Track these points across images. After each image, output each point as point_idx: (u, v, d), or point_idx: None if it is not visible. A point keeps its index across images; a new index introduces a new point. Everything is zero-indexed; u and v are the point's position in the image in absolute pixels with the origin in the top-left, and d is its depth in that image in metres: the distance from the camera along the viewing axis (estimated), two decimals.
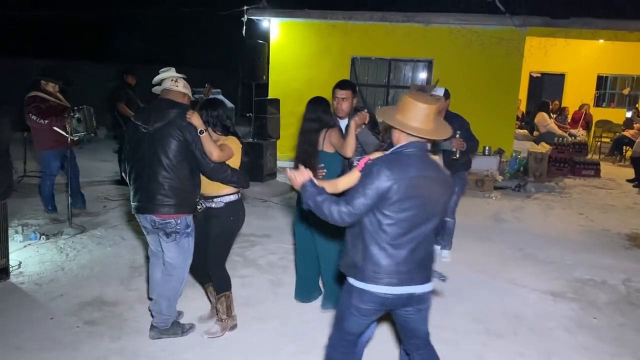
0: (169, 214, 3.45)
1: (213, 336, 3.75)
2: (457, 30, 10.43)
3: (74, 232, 5.82)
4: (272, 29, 10.92)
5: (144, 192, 3.47)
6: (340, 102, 4.13)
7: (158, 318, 3.69)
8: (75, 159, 6.47)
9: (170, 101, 3.60)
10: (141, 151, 3.49)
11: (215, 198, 3.66)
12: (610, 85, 14.81)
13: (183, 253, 3.59)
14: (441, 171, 2.66)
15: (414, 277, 2.57)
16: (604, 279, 5.17)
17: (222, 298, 3.77)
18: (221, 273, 3.79)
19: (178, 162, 3.44)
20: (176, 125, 3.43)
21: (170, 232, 3.49)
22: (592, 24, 10.38)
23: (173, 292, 3.67)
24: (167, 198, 3.43)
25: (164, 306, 3.65)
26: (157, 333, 3.70)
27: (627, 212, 7.95)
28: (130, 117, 8.01)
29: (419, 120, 2.54)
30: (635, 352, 3.81)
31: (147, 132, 3.47)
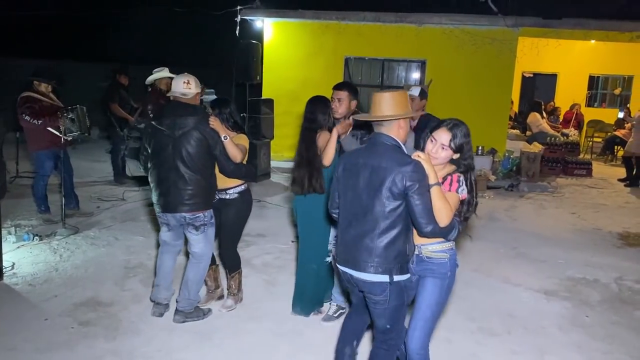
0: (199, 209, 3.81)
1: (230, 309, 4.19)
2: (450, 31, 10.47)
3: (68, 233, 5.80)
4: (265, 29, 10.91)
5: (172, 193, 3.78)
6: (336, 103, 4.08)
7: (184, 302, 3.97)
8: (69, 159, 6.45)
9: (191, 106, 3.90)
10: (166, 155, 3.77)
11: (228, 190, 4.04)
12: (601, 85, 14.92)
13: (209, 242, 3.99)
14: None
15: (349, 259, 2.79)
16: (596, 278, 5.21)
17: (235, 276, 4.23)
18: (234, 255, 4.23)
19: (202, 164, 3.79)
20: (200, 131, 3.75)
21: (200, 225, 3.85)
22: (583, 24, 10.46)
23: (200, 277, 4.04)
24: (196, 197, 3.78)
25: (193, 291, 3.97)
26: (182, 316, 3.97)
27: (619, 211, 8.02)
28: (122, 117, 8.14)
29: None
30: (627, 349, 3.85)
31: (172, 138, 3.74)
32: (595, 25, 10.51)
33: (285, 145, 10.62)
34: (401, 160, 2.65)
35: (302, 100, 5.50)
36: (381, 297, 2.77)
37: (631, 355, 3.76)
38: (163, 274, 4.08)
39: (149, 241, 5.77)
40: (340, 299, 4.16)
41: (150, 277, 4.80)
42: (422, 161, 2.64)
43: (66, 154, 6.32)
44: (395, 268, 2.71)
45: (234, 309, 4.21)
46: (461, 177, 2.75)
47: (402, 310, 2.87)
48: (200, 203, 3.81)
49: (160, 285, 4.07)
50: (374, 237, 2.68)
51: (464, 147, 2.74)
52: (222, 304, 4.25)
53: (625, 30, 10.60)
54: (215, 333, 3.83)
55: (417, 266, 2.85)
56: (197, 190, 3.78)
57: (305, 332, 3.91)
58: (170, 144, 3.75)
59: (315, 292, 4.15)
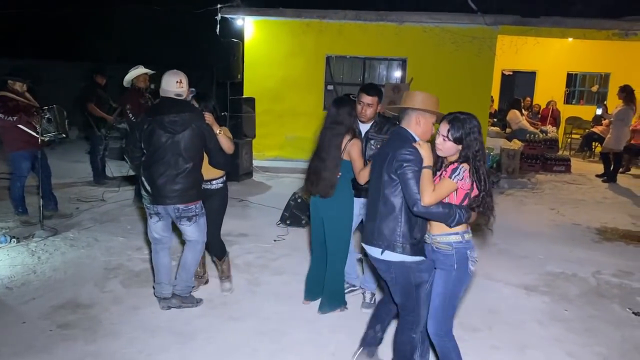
0: (192, 201, 3.98)
1: (230, 291, 4.49)
2: (430, 29, 10.55)
3: (46, 235, 5.71)
4: (246, 27, 10.87)
5: (169, 186, 3.89)
6: (365, 108, 4.04)
7: (182, 285, 4.17)
8: (46, 160, 6.35)
9: (185, 103, 4.02)
10: (164, 150, 3.88)
11: (213, 181, 4.27)
12: (579, 82, 15.12)
13: (202, 229, 4.14)
14: None
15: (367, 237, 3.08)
16: (575, 272, 5.29)
17: (225, 260, 4.52)
18: (220, 241, 4.48)
19: (198, 159, 4.00)
20: (197, 126, 3.91)
21: (192, 215, 4.02)
22: (561, 22, 10.62)
23: (197, 260, 4.24)
24: (191, 189, 3.96)
25: (190, 274, 4.20)
26: (179, 301, 4.16)
27: (597, 206, 8.15)
28: (100, 116, 8.04)
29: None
30: (605, 342, 3.91)
31: (171, 134, 3.86)
32: (572, 23, 10.69)
33: (267, 144, 10.62)
34: (400, 145, 2.90)
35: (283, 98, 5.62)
36: (388, 275, 3.04)
37: (608, 348, 3.82)
38: (163, 271, 4.19)
39: (130, 242, 5.71)
40: (372, 286, 4.34)
41: (130, 278, 4.76)
42: (418, 146, 2.86)
43: (44, 155, 6.22)
44: (398, 247, 2.92)
45: (233, 290, 4.51)
46: (461, 166, 2.81)
47: (413, 291, 3.00)
48: (193, 195, 3.99)
49: (162, 283, 4.17)
50: (379, 217, 2.98)
51: (462, 138, 2.81)
52: (222, 288, 4.51)
53: (601, 29, 10.79)
54: (197, 333, 3.81)
55: (431, 256, 2.99)
56: (193, 183, 3.97)
57: (289, 331, 3.90)
58: (169, 139, 3.87)
59: (340, 286, 4.23)
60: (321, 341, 3.78)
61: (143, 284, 4.65)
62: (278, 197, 7.46)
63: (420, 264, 2.98)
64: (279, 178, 9.56)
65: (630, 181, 10.14)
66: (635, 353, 3.77)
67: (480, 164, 2.81)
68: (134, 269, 4.98)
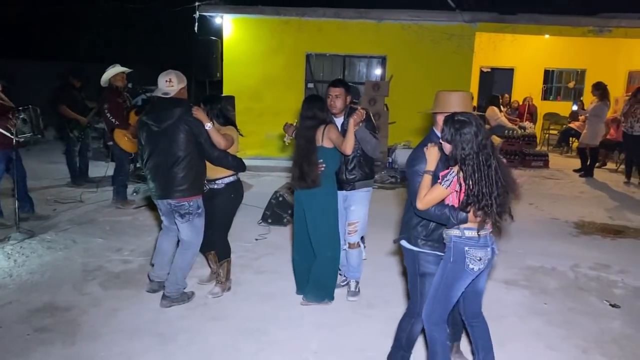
0: (183, 197, 4.00)
1: (216, 296, 4.36)
2: (409, 26, 10.60)
3: (22, 237, 5.60)
4: (224, 25, 10.79)
5: (161, 181, 4.02)
6: (333, 100, 4.22)
7: (172, 287, 4.18)
8: (21, 161, 6.23)
9: (175, 100, 4.05)
10: (155, 146, 4.01)
11: (217, 180, 4.25)
12: (556, 79, 15.33)
13: (196, 231, 4.15)
14: None
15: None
16: (554, 266, 5.35)
17: (224, 264, 4.42)
18: (224, 243, 4.42)
19: (188, 154, 3.97)
20: (183, 121, 3.94)
21: (184, 213, 4.05)
22: (537, 19, 10.76)
23: (187, 264, 4.25)
24: (181, 185, 3.98)
25: (179, 277, 4.20)
26: (169, 301, 4.18)
27: (574, 201, 8.27)
28: (73, 118, 7.90)
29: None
30: (583, 334, 3.96)
31: (159, 130, 3.95)
32: (548, 20, 10.83)
33: (248, 143, 10.50)
34: (418, 145, 3.05)
35: (263, 96, 5.52)
36: (405, 262, 3.20)
37: (587, 340, 3.88)
38: (158, 253, 4.36)
39: (109, 243, 5.63)
40: (357, 275, 4.49)
41: (109, 280, 4.70)
42: (426, 150, 2.91)
43: (18, 156, 6.11)
44: (413, 238, 3.08)
45: (220, 296, 4.38)
46: (452, 170, 2.78)
47: (417, 280, 3.10)
48: (185, 191, 3.99)
49: (156, 264, 4.37)
50: (406, 208, 3.19)
51: (450, 139, 2.78)
52: (210, 290, 4.42)
53: (577, 26, 10.95)
54: (178, 335, 3.77)
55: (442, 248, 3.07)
56: (183, 180, 3.98)
57: (271, 330, 3.88)
58: (158, 135, 3.97)
59: (330, 279, 4.28)
60: (303, 339, 3.77)
61: (123, 285, 4.59)
62: (259, 195, 7.41)
63: (429, 256, 3.06)
64: (260, 177, 9.52)
65: (606, 175, 10.31)
66: (613, 344, 3.83)
67: (475, 165, 2.73)
68: (114, 271, 4.91)
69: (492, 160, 2.77)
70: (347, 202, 4.37)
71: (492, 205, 2.76)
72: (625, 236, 6.50)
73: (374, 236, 5.28)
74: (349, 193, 4.35)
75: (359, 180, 4.30)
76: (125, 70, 6.97)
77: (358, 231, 4.38)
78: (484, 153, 2.75)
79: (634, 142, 9.35)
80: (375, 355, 3.56)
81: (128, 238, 5.83)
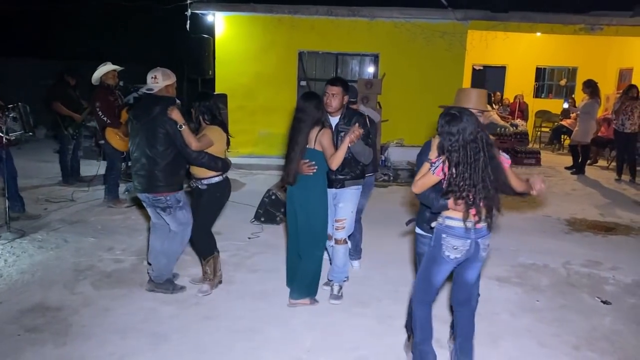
0: (159, 192, 4.10)
1: (205, 294, 4.36)
2: (401, 24, 10.60)
3: (13, 237, 5.57)
4: (217, 23, 10.75)
5: (140, 175, 4.12)
6: (330, 98, 4.17)
7: (155, 272, 4.33)
8: (12, 160, 6.18)
9: (156, 97, 4.13)
10: (136, 141, 4.12)
11: (202, 180, 4.28)
12: (548, 76, 15.39)
13: (180, 222, 4.24)
14: None
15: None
16: (546, 263, 5.38)
17: (210, 261, 4.41)
18: (205, 240, 4.42)
19: (163, 151, 4.05)
20: (159, 120, 4.01)
21: (164, 207, 4.16)
22: (529, 17, 10.80)
23: (173, 252, 4.34)
24: (156, 180, 4.08)
25: (162, 263, 4.31)
26: (152, 286, 4.35)
27: (566, 198, 8.31)
28: (67, 115, 7.87)
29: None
30: (574, 331, 3.99)
31: (139, 126, 4.08)
32: (540, 18, 10.87)
33: (241, 141, 10.48)
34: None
35: (256, 94, 5.44)
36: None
37: (578, 337, 3.90)
38: (152, 251, 4.39)
39: (100, 242, 5.61)
40: (341, 277, 4.46)
41: (101, 279, 4.68)
42: (433, 141, 3.10)
43: (9, 155, 6.06)
44: (419, 223, 3.36)
45: (210, 294, 4.37)
46: (440, 158, 2.98)
47: (422, 260, 3.27)
48: (161, 186, 4.09)
49: (152, 263, 4.40)
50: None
51: (440, 132, 2.97)
52: (199, 288, 4.42)
53: (569, 23, 11.00)
54: (170, 334, 3.75)
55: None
56: (158, 175, 4.07)
57: (263, 329, 3.88)
58: (138, 131, 4.09)
59: (316, 277, 4.27)
60: (296, 338, 3.77)
61: (114, 284, 4.57)
62: (252, 194, 7.41)
63: (425, 238, 3.32)
64: (253, 175, 9.50)
65: (597, 173, 10.38)
66: (604, 341, 3.86)
67: (460, 157, 2.87)
68: (105, 270, 4.89)
69: (481, 154, 2.89)
70: (336, 200, 4.37)
71: (474, 197, 2.89)
72: (616, 233, 6.55)
73: (366, 233, 5.28)
74: (339, 191, 4.34)
75: (349, 179, 4.31)
76: (116, 68, 6.94)
77: (346, 228, 4.36)
78: (471, 147, 2.87)
79: (625, 139, 9.42)
80: (368, 354, 3.56)
81: (120, 237, 5.80)
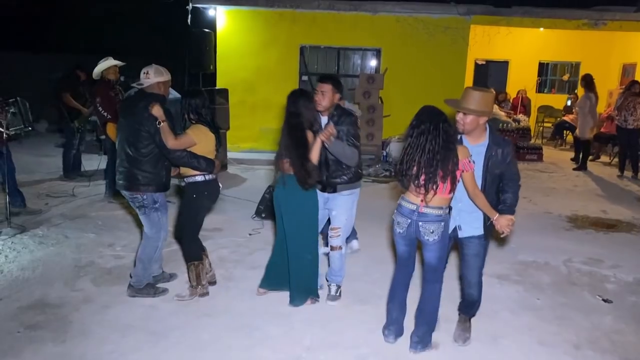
0: (137, 191, 4.05)
1: (181, 299, 4.20)
2: (403, 19, 10.56)
3: (14, 232, 5.57)
4: (218, 17, 10.71)
5: (120, 171, 4.09)
6: (319, 96, 4.01)
7: (134, 278, 4.25)
8: (10, 156, 6.17)
9: (142, 94, 4.09)
10: (120, 136, 4.11)
11: (186, 178, 4.16)
12: (551, 71, 15.33)
13: (153, 225, 4.17)
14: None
15: None
16: (547, 261, 5.37)
17: (191, 267, 4.22)
18: (189, 244, 4.24)
19: (143, 148, 3.99)
20: (139, 117, 3.95)
21: (139, 205, 4.10)
22: (532, 12, 10.74)
23: (147, 257, 4.23)
24: (135, 178, 4.02)
25: (139, 268, 4.23)
26: (133, 291, 4.26)
27: (568, 194, 8.28)
28: (75, 108, 7.89)
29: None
30: (575, 330, 3.97)
31: (124, 122, 4.08)
32: (543, 13, 10.81)
33: (242, 136, 10.52)
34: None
35: (257, 89, 5.39)
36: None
37: (578, 336, 3.89)
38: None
39: (101, 238, 5.60)
40: (338, 279, 4.38)
41: (101, 276, 4.67)
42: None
43: (8, 150, 6.05)
44: None
45: (184, 301, 4.18)
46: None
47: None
48: (139, 185, 4.04)
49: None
50: None
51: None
52: (178, 292, 4.30)
53: (572, 18, 10.94)
54: (169, 332, 3.75)
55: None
56: (138, 173, 4.01)
57: (263, 326, 3.87)
58: (123, 127, 4.08)
59: (311, 281, 4.20)
60: (296, 335, 3.76)
61: (115, 281, 4.57)
62: (253, 189, 7.41)
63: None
64: (254, 170, 9.49)
65: (600, 169, 10.35)
66: (605, 340, 3.85)
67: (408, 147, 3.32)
68: (106, 266, 4.89)
69: (429, 145, 3.22)
70: (328, 205, 4.23)
71: (407, 181, 3.31)
72: (618, 230, 6.53)
73: (367, 230, 5.28)
74: (330, 196, 4.18)
75: (341, 184, 4.13)
76: (118, 64, 6.91)
77: (341, 235, 4.24)
78: (420, 139, 3.25)
79: (628, 135, 9.37)
80: (368, 352, 3.56)
81: (120, 233, 5.80)
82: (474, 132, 3.39)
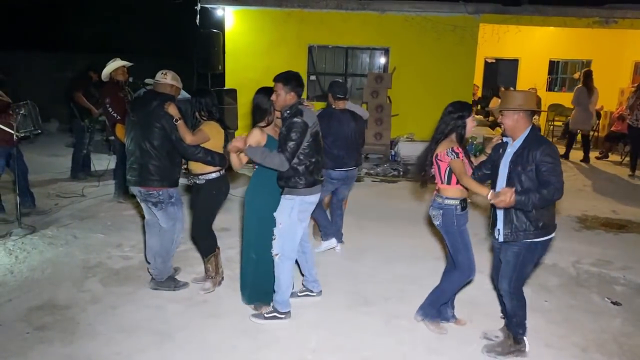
0: (152, 186, 4.15)
1: (207, 291, 4.40)
2: (412, 18, 10.51)
3: (24, 233, 5.62)
4: (226, 17, 10.73)
5: (134, 168, 4.17)
6: (273, 96, 3.91)
7: (155, 271, 4.41)
8: (22, 157, 6.24)
9: (155, 93, 4.24)
10: (132, 134, 4.18)
11: (200, 175, 4.28)
12: (561, 70, 15.20)
13: (171, 218, 4.30)
14: None
15: None
16: (555, 262, 5.32)
17: (211, 259, 4.44)
18: (204, 238, 4.43)
19: (158, 145, 4.11)
20: (155, 115, 4.07)
21: (156, 202, 4.20)
22: (542, 10, 10.65)
23: (165, 250, 4.38)
24: (150, 174, 4.12)
25: (159, 262, 4.39)
26: (155, 284, 4.43)
27: (577, 194, 8.21)
28: (86, 107, 7.94)
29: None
30: (583, 332, 3.94)
31: (135, 120, 4.15)
32: (553, 12, 10.72)
33: None
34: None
35: None
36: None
37: (586, 338, 3.86)
38: (149, 250, 4.45)
39: (109, 239, 5.64)
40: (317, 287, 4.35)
41: (109, 277, 4.71)
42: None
43: (19, 152, 6.12)
44: None
45: (212, 291, 4.42)
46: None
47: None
48: (154, 181, 4.13)
49: (150, 263, 4.47)
50: None
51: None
52: (201, 286, 4.46)
53: (582, 17, 10.83)
54: (176, 332, 3.77)
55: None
56: (152, 169, 4.11)
57: (269, 328, 3.88)
58: (135, 124, 4.16)
59: (254, 282, 4.10)
60: (302, 337, 3.77)
61: (122, 282, 4.60)
62: None
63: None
64: None
65: (610, 168, 10.25)
66: (613, 343, 3.81)
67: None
68: (114, 267, 4.92)
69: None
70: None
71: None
72: (628, 231, 6.46)
73: (372, 230, 5.26)
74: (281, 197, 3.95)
75: (281, 187, 3.89)
76: (126, 65, 6.95)
77: (276, 240, 3.88)
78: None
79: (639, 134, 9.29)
80: (373, 355, 3.56)
81: (129, 233, 5.83)
82: (513, 132, 3.50)
